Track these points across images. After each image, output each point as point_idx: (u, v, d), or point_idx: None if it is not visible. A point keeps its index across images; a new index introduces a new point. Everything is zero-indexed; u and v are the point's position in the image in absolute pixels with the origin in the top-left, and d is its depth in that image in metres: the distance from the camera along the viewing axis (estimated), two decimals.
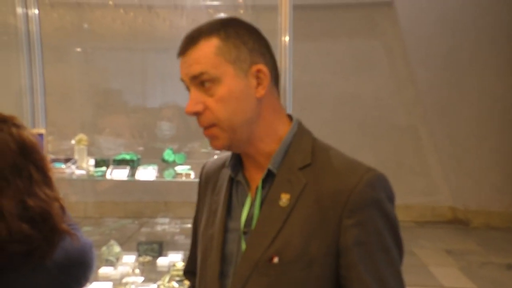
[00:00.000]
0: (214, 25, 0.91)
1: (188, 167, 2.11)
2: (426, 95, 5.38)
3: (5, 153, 1.04)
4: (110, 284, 2.04)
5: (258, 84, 0.91)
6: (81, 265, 1.17)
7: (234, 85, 0.89)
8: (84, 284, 1.23)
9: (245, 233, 0.93)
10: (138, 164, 2.12)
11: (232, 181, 1.00)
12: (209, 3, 3.39)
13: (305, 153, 0.93)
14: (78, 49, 4.55)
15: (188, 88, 0.93)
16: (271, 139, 0.95)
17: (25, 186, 1.05)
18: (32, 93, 2.37)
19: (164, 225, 2.74)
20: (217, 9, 3.35)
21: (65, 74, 4.49)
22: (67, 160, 2.07)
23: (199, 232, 1.05)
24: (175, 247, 2.41)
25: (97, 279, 2.10)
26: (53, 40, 4.16)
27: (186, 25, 3.38)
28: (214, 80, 0.89)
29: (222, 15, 3.41)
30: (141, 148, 3.30)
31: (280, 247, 0.87)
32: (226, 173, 1.02)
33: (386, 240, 0.87)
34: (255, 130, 0.93)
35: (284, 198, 0.89)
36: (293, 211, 0.88)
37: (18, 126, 1.09)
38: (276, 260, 0.87)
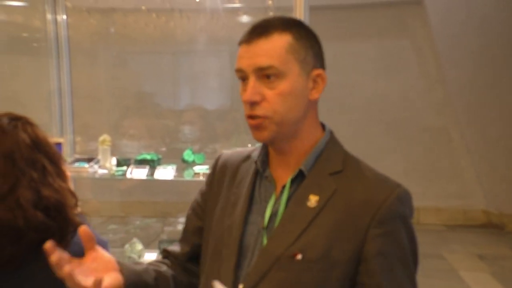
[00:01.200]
0: (288, 22, 0.95)
1: (207, 167, 2.15)
2: (457, 95, 5.25)
3: (20, 147, 1.10)
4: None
5: (314, 87, 0.96)
6: None
7: (297, 83, 0.93)
8: None
9: (266, 228, 0.96)
10: (158, 164, 2.17)
11: (257, 176, 1.02)
12: (237, 5, 3.43)
13: (336, 160, 0.98)
14: (110, 54, 4.70)
15: (242, 78, 0.95)
16: (308, 141, 0.99)
17: (39, 177, 1.10)
18: (60, 96, 2.47)
19: None
20: (247, 12, 3.39)
21: (98, 77, 4.64)
22: (90, 160, 2.15)
23: (211, 222, 1.06)
24: None
25: None
26: (88, 45, 4.31)
27: (216, 29, 3.44)
28: (280, 75, 0.92)
29: (245, 18, 3.44)
30: (163, 149, 3.38)
31: (304, 246, 0.90)
32: (249, 167, 1.05)
33: (406, 254, 0.92)
34: (299, 129, 0.97)
35: (313, 200, 0.93)
36: (320, 213, 0.92)
37: (31, 124, 1.16)
38: (299, 257, 0.90)
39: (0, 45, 2.71)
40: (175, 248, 1.15)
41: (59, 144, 1.57)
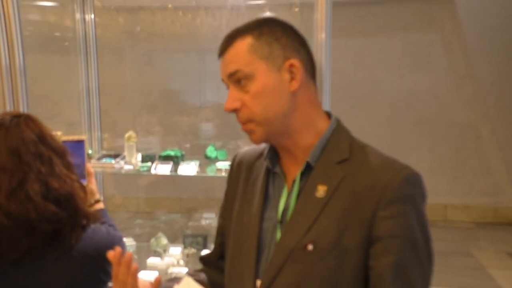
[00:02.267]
0: (250, 25, 0.98)
1: (229, 163, 2.18)
2: (487, 91, 5.12)
3: (25, 142, 1.15)
4: (156, 273, 2.15)
5: (292, 78, 0.95)
6: None
7: (267, 80, 0.94)
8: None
9: (280, 222, 0.98)
10: (182, 160, 2.21)
11: (268, 173, 1.04)
12: (262, 2, 3.44)
13: (342, 148, 0.97)
14: (138, 52, 4.79)
15: (228, 87, 0.99)
16: (309, 133, 0.99)
17: (46, 169, 1.15)
18: (88, 94, 2.55)
19: (210, 220, 2.85)
20: (272, 8, 3.40)
21: (125, 75, 4.74)
22: (116, 156, 2.21)
23: (230, 220, 1.10)
24: None
25: (145, 268, 2.22)
26: (116, 43, 4.41)
27: (214, 23, 3.46)
28: (248, 77, 0.94)
29: (268, 14, 3.46)
30: (187, 145, 3.43)
31: (315, 236, 0.91)
32: (262, 164, 1.07)
33: (416, 237, 0.89)
34: (292, 123, 0.97)
35: (321, 190, 0.94)
36: (329, 202, 0.92)
37: (33, 120, 1.21)
38: (310, 247, 0.91)
39: (33, 45, 2.80)
40: (210, 256, 1.22)
41: (81, 141, 1.61)
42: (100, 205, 1.59)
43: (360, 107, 5.33)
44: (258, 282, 0.97)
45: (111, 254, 0.99)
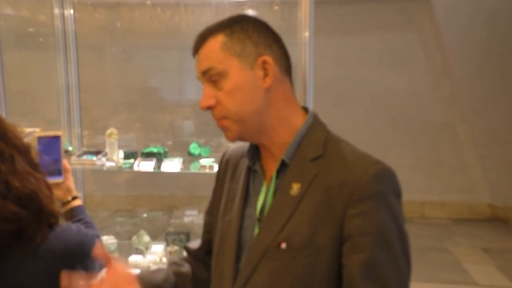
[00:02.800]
0: (222, 23, 0.97)
1: (213, 159, 2.18)
2: (464, 90, 5.23)
3: None
4: (138, 271, 2.14)
5: (265, 75, 0.95)
6: (82, 256, 1.20)
7: (240, 77, 0.94)
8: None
9: (259, 220, 0.98)
10: (165, 157, 2.20)
11: (250, 170, 1.04)
12: None
13: (317, 144, 0.96)
14: (117, 48, 4.73)
15: (203, 84, 0.99)
16: (284, 130, 0.98)
17: (7, 168, 1.10)
18: (68, 91, 2.50)
19: (192, 217, 2.84)
20: (252, 6, 3.39)
21: (104, 72, 4.67)
22: (98, 153, 2.18)
23: (217, 217, 1.10)
24: None
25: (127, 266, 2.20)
26: (93, 40, 4.35)
27: (193, 20, 3.45)
28: (221, 74, 0.94)
29: (251, 12, 3.46)
30: (169, 142, 3.41)
31: (289, 234, 0.90)
32: (245, 162, 1.06)
33: (388, 234, 0.87)
34: (266, 120, 0.96)
35: (295, 188, 0.93)
36: (302, 200, 0.91)
37: None
38: (284, 246, 0.90)
39: (9, 40, 2.74)
40: (195, 244, 1.21)
41: (57, 137, 1.57)
42: (78, 202, 1.56)
43: (340, 105, 5.39)
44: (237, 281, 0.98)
45: (95, 252, 0.97)
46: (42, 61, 2.91)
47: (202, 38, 0.97)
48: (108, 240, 2.41)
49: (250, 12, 3.27)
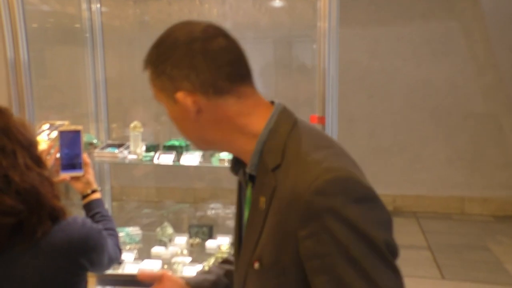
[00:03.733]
0: (149, 54, 0.94)
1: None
2: (509, 80, 4.97)
3: None
4: (160, 262, 2.16)
5: (186, 108, 0.90)
6: (86, 250, 1.22)
7: (171, 110, 0.93)
8: (98, 267, 1.31)
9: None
10: (186, 150, 2.21)
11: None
12: None
13: (276, 151, 0.87)
14: (146, 42, 4.79)
15: None
16: (244, 140, 0.91)
17: (8, 162, 1.14)
18: (95, 85, 2.56)
19: (216, 210, 2.84)
20: None
21: (134, 66, 4.75)
22: (120, 146, 2.21)
23: None
24: (225, 231, 2.49)
25: (149, 257, 2.23)
26: (122, 33, 4.42)
27: (231, 14, 3.42)
28: (163, 103, 0.95)
29: (264, 3, 3.40)
30: None
31: (260, 253, 0.87)
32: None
33: (350, 251, 0.76)
34: (215, 139, 0.93)
35: (262, 201, 0.87)
36: (267, 215, 0.86)
37: (1, 112, 1.20)
38: (256, 265, 0.87)
39: (39, 35, 2.82)
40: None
41: (78, 132, 1.61)
42: (97, 195, 1.60)
43: (376, 97, 5.25)
44: None
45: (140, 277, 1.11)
46: (72, 55, 2.99)
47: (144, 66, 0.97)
48: (133, 231, 2.45)
49: (264, 3, 3.21)
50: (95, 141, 2.32)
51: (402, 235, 4.44)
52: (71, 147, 1.60)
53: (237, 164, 0.98)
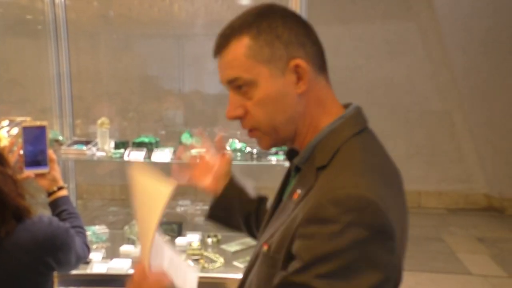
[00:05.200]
0: (245, 20, 0.86)
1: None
2: (462, 79, 5.20)
3: None
4: (129, 261, 2.14)
5: (298, 79, 0.85)
6: (52, 249, 1.21)
7: (271, 86, 0.84)
8: (66, 267, 1.29)
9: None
10: (156, 147, 2.19)
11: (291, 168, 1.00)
12: None
13: (328, 152, 0.83)
14: (113, 37, 4.69)
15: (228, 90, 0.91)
16: (309, 131, 0.89)
17: None
18: (59, 79, 2.48)
19: (185, 207, 2.84)
20: None
21: (100, 61, 4.64)
22: (88, 142, 2.17)
23: None
24: (194, 228, 2.48)
25: (118, 256, 2.19)
26: (89, 28, 4.31)
27: (221, 10, 3.41)
28: (250, 84, 0.85)
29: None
30: (163, 132, 3.41)
31: (272, 239, 0.85)
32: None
33: (325, 271, 0.72)
34: (299, 126, 0.88)
35: (296, 195, 0.85)
36: (296, 208, 0.83)
37: None
38: (265, 248, 0.86)
39: (2, 28, 2.71)
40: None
41: (43, 127, 1.56)
42: (63, 192, 1.56)
43: (338, 94, 5.29)
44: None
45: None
46: (34, 49, 2.89)
47: (224, 40, 0.86)
48: (100, 229, 2.41)
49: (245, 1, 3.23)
50: (60, 137, 2.26)
51: None
52: (36, 143, 1.55)
53: (292, 152, 0.96)
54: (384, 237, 0.73)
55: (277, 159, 2.11)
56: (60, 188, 1.56)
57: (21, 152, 1.54)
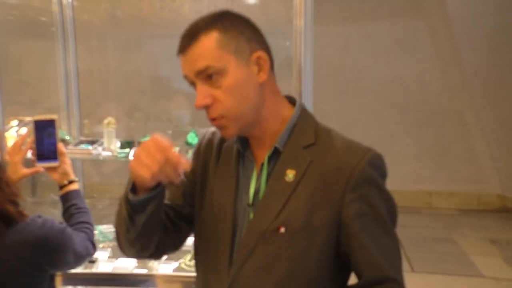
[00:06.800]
0: (210, 19, 0.97)
1: None
2: (473, 78, 5.14)
3: None
4: (134, 261, 2.14)
5: (259, 70, 0.98)
6: (44, 252, 1.20)
7: (238, 74, 0.95)
8: (63, 267, 1.30)
9: (252, 205, 1.01)
10: None
11: (239, 155, 1.06)
12: None
13: (308, 133, 1.01)
14: (121, 37, 4.71)
15: (192, 84, 0.98)
16: (275, 120, 1.02)
17: None
18: (67, 79, 2.49)
19: None
20: None
21: (112, 61, 4.67)
22: (94, 142, 2.17)
23: (201, 198, 1.09)
24: None
25: (124, 256, 2.20)
26: (98, 28, 4.34)
27: (203, 10, 3.42)
28: (220, 72, 0.94)
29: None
30: (170, 132, 3.41)
31: (286, 218, 0.95)
32: (231, 147, 1.08)
33: (382, 213, 0.96)
34: (261, 113, 1.00)
35: (290, 174, 0.97)
36: (298, 185, 0.96)
37: None
38: (282, 230, 0.95)
39: (10, 28, 2.73)
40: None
41: (52, 121, 1.56)
42: (74, 186, 1.56)
43: (347, 94, 5.33)
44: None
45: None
46: (44, 50, 2.91)
47: (193, 36, 0.95)
48: (107, 229, 2.41)
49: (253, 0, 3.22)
50: (67, 137, 2.27)
51: None
52: (46, 137, 1.56)
53: (244, 142, 1.05)
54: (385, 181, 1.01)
55: None
56: (71, 182, 1.56)
57: (33, 146, 1.55)
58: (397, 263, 0.97)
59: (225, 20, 0.97)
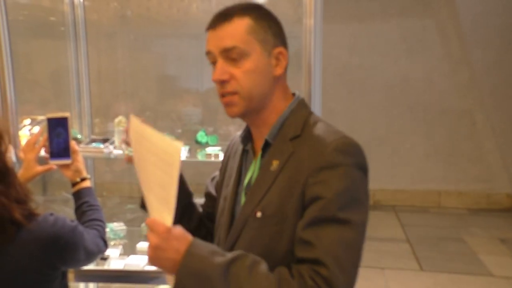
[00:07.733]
0: (246, 6, 1.04)
1: (219, 148, 2.17)
2: (482, 77, 5.11)
3: None
4: (145, 257, 2.16)
5: (277, 64, 1.05)
6: (56, 250, 1.21)
7: (260, 61, 1.02)
8: (74, 264, 1.31)
9: (246, 193, 1.09)
10: None
11: (243, 150, 1.16)
12: None
13: (297, 125, 1.05)
14: (132, 37, 4.74)
15: (212, 62, 1.05)
16: (274, 112, 1.08)
17: None
18: (78, 79, 2.52)
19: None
20: None
21: (121, 60, 4.70)
22: (105, 141, 2.19)
23: (219, 193, 1.22)
24: None
25: (135, 252, 2.22)
26: (108, 28, 4.37)
27: (211, 9, 3.42)
28: (244, 54, 1.01)
29: None
30: (179, 130, 3.43)
31: (264, 205, 1.01)
32: (238, 144, 1.19)
33: (337, 200, 0.91)
34: (267, 103, 1.06)
35: (274, 164, 1.03)
36: (279, 175, 1.01)
37: None
38: (259, 214, 1.01)
39: (21, 28, 2.76)
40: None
41: (65, 118, 1.58)
42: (86, 184, 1.57)
43: (355, 92, 5.32)
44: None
45: None
46: (55, 50, 2.93)
47: (227, 16, 1.02)
48: (118, 226, 2.44)
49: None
50: (79, 136, 2.30)
51: (382, 228, 4.53)
52: (59, 134, 1.57)
53: (246, 137, 1.14)
54: (367, 174, 0.99)
55: None
56: (83, 179, 1.57)
57: (46, 143, 1.57)
58: (336, 250, 0.89)
59: (259, 11, 1.04)
